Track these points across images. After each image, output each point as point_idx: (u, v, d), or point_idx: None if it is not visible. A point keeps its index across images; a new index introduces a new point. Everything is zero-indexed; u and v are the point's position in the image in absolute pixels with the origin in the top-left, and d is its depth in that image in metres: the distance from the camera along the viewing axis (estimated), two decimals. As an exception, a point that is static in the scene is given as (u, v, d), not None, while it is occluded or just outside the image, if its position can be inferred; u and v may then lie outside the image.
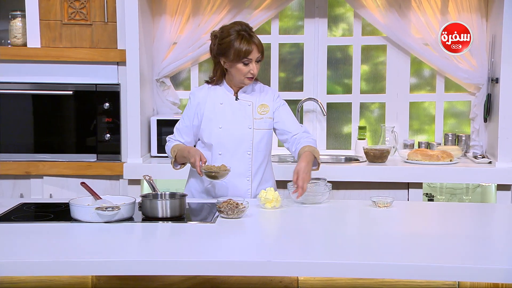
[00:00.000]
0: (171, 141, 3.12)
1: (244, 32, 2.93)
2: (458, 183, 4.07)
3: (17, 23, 4.04)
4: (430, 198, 4.12)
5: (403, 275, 2.08)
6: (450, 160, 3.97)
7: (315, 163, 2.97)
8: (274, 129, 3.12)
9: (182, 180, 3.95)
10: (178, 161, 3.04)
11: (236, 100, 3.05)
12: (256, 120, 3.04)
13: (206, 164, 2.91)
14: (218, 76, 3.06)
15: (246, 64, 2.94)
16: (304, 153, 2.94)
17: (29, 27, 3.98)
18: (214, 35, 3.01)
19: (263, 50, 2.99)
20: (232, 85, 3.06)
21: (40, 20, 3.98)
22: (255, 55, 2.93)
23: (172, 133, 3.15)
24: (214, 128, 3.02)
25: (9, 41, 4.10)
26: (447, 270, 2.06)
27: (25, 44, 4.03)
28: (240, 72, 2.96)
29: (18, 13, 4.04)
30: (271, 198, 2.79)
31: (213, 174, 2.85)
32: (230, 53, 2.92)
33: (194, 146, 3.12)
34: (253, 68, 2.95)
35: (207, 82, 3.12)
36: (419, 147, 4.36)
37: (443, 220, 2.78)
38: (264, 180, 3.10)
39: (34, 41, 3.99)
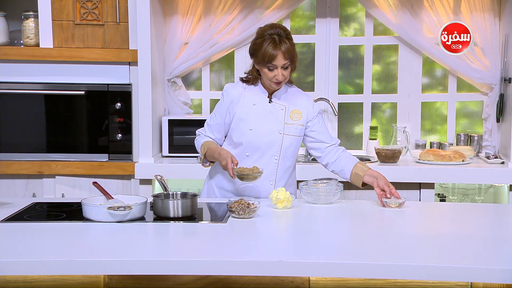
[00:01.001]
0: (201, 136, 3.09)
1: (276, 36, 2.89)
2: (471, 184, 4.05)
3: (29, 23, 4.06)
4: (442, 198, 4.10)
5: (416, 275, 2.07)
6: (463, 161, 3.95)
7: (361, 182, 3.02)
8: (306, 136, 3.08)
9: (193, 180, 3.96)
10: (208, 159, 3.03)
11: (269, 102, 3.03)
12: (287, 125, 3.01)
13: (238, 166, 2.89)
14: (254, 75, 3.03)
15: (271, 70, 2.91)
16: (375, 171, 3.01)
17: (42, 28, 4.00)
18: (256, 34, 2.99)
19: (293, 58, 2.92)
20: (266, 87, 3.03)
21: (52, 20, 4.00)
22: (280, 61, 2.88)
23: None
24: (244, 128, 2.99)
25: (22, 42, 4.12)
26: (459, 270, 2.05)
27: (37, 45, 4.05)
28: (266, 76, 2.94)
29: (31, 13, 4.06)
30: (282, 198, 2.79)
31: (245, 176, 2.83)
32: (258, 55, 2.91)
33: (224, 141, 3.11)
34: (278, 74, 2.90)
35: (242, 80, 3.07)
36: (431, 147, 4.34)
37: (455, 220, 2.76)
38: (287, 186, 3.06)
39: (46, 41, 4.01)
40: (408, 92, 4.40)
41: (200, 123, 4.09)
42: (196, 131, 3.16)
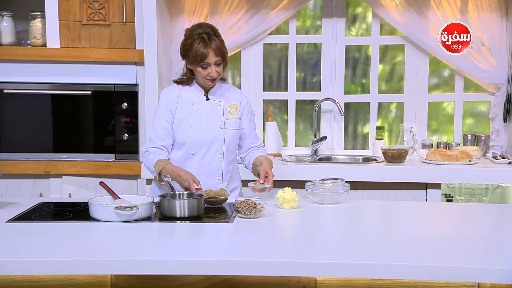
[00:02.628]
0: (150, 153, 3.04)
1: (205, 35, 2.95)
2: (477, 184, 4.04)
3: (36, 23, 4.07)
4: (449, 198, 4.09)
5: (422, 276, 2.06)
6: (469, 161, 3.94)
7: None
8: None
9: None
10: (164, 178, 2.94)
11: (206, 100, 3.09)
12: (227, 120, 3.09)
13: (204, 190, 2.88)
14: (188, 76, 3.09)
15: (204, 68, 2.97)
16: (265, 160, 3.08)
17: (49, 28, 4.01)
18: (184, 35, 3.04)
19: (224, 54, 2.99)
20: (201, 85, 3.09)
21: (59, 20, 4.01)
22: (212, 59, 2.95)
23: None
24: (186, 128, 3.05)
25: (29, 42, 4.14)
26: (466, 271, 2.04)
27: (44, 45, 4.06)
28: (200, 75, 3.01)
29: (38, 13, 4.07)
30: (288, 198, 2.79)
31: (212, 200, 2.82)
32: (190, 56, 2.97)
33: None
34: (212, 71, 2.97)
35: (176, 82, 3.13)
36: (437, 147, 4.33)
37: (462, 221, 2.75)
38: (232, 179, 3.15)
39: (53, 41, 4.02)
40: (415, 92, 4.39)
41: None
42: (142, 149, 3.12)
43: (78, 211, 2.75)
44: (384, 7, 4.23)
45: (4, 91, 4.03)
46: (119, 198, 2.73)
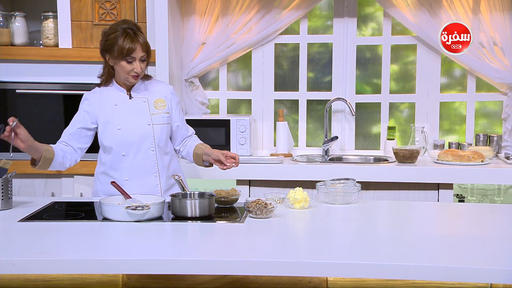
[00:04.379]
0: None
1: (129, 30, 2.93)
2: (490, 184, 4.02)
3: (49, 24, 4.09)
4: (461, 199, 4.07)
5: (435, 276, 2.05)
6: (482, 161, 3.92)
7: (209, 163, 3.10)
8: None
9: (210, 180, 3.96)
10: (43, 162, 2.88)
11: (130, 98, 3.05)
12: (154, 115, 3.05)
13: (214, 189, 2.90)
14: (106, 75, 3.04)
15: (129, 62, 2.94)
16: (207, 148, 3.10)
17: (61, 28, 4.03)
18: (104, 32, 3.01)
19: (149, 50, 2.98)
20: (121, 84, 3.05)
21: (71, 21, 4.03)
22: (139, 54, 2.93)
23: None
24: (113, 130, 3.00)
25: (41, 42, 4.16)
26: (479, 272, 2.03)
27: (56, 45, 4.08)
28: (123, 70, 2.96)
29: (50, 14, 4.09)
30: (299, 198, 2.78)
31: (223, 200, 2.82)
32: (114, 49, 2.92)
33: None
34: (137, 66, 2.94)
35: (97, 85, 3.08)
36: (449, 147, 4.31)
37: (475, 221, 2.74)
38: (173, 173, 3.09)
39: (65, 41, 4.04)
40: (427, 92, 4.38)
41: (218, 123, 4.13)
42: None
43: (90, 211, 2.76)
44: (396, 6, 4.22)
45: (17, 91, 4.05)
46: (131, 198, 2.73)
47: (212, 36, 4.32)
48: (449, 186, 3.85)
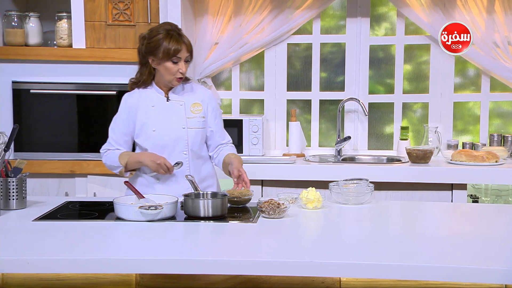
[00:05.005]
0: (111, 151, 3.06)
1: (173, 32, 2.95)
2: (504, 185, 3.99)
3: (63, 24, 4.11)
4: (475, 199, 4.04)
5: (448, 277, 2.04)
6: (496, 161, 3.89)
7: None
8: None
9: (223, 180, 3.96)
10: (129, 168, 3.00)
11: (167, 101, 3.05)
12: (189, 119, 3.05)
13: (227, 189, 2.91)
14: (146, 77, 3.05)
15: (175, 63, 2.95)
16: (235, 158, 3.03)
17: (75, 28, 4.05)
18: (142, 37, 3.02)
19: (192, 51, 3.00)
20: (162, 86, 3.05)
21: (85, 21, 4.05)
22: (184, 54, 2.95)
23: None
24: (148, 131, 3.01)
25: (55, 42, 4.18)
26: (494, 272, 2.02)
27: (70, 45, 4.10)
28: (169, 71, 2.96)
29: (64, 14, 4.11)
30: (312, 198, 2.78)
31: (235, 199, 2.82)
32: (159, 51, 2.93)
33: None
34: (182, 67, 2.95)
35: (136, 86, 3.08)
36: (463, 147, 4.29)
37: (489, 222, 2.72)
38: (205, 177, 3.10)
39: (79, 42, 4.06)
40: (440, 92, 4.35)
41: (230, 123, 4.13)
42: (101, 150, 3.11)
43: (103, 210, 2.77)
44: (409, 6, 4.20)
45: (31, 91, 4.07)
46: (144, 197, 2.74)
47: (225, 36, 4.32)
48: (463, 187, 3.83)
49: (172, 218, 2.62)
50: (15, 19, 4.11)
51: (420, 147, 4.08)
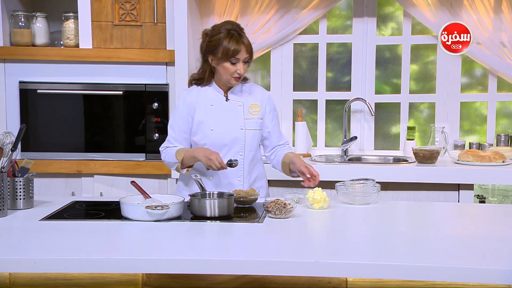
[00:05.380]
0: (170, 148, 3.07)
1: (234, 32, 2.93)
2: (511, 185, 3.98)
3: (69, 24, 4.12)
4: (482, 200, 4.03)
5: (455, 277, 2.04)
6: (503, 161, 3.88)
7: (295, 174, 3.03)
8: None
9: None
10: (185, 164, 3.00)
11: (226, 100, 3.05)
12: (247, 120, 3.05)
13: (234, 190, 2.91)
14: (207, 75, 3.05)
15: (233, 64, 2.94)
16: (295, 156, 3.03)
17: (81, 29, 4.06)
18: (205, 33, 3.02)
19: (252, 52, 2.98)
20: (221, 85, 3.05)
21: (92, 21, 4.06)
22: (243, 55, 2.93)
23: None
24: (206, 130, 3.02)
25: (61, 42, 4.19)
26: (500, 273, 2.01)
27: (77, 45, 4.12)
28: (227, 71, 2.96)
29: (71, 14, 4.13)
30: (318, 198, 2.78)
31: (242, 199, 2.82)
32: (219, 50, 2.93)
33: None
34: (240, 68, 2.94)
35: (196, 83, 3.09)
36: (470, 148, 4.28)
37: (495, 222, 2.71)
38: (256, 180, 3.11)
39: (86, 42, 4.07)
40: (447, 92, 4.34)
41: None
42: (160, 148, 3.12)
43: (110, 210, 2.78)
44: (416, 6, 4.19)
45: (38, 91, 4.09)
46: (150, 197, 2.75)
47: (231, 36, 4.31)
48: (469, 187, 3.82)
49: (179, 218, 2.62)
50: (22, 19, 4.12)
51: (427, 147, 4.07)
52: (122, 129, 4.14)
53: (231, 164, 2.91)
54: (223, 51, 2.92)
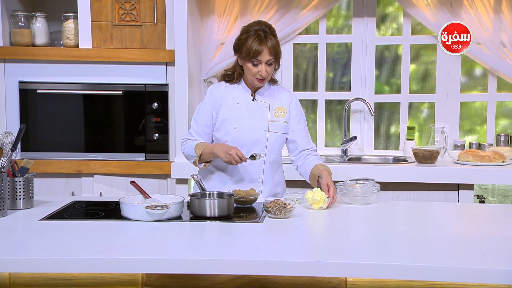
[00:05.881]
0: (190, 141, 3.04)
1: (261, 32, 2.91)
2: (511, 185, 3.98)
3: (69, 24, 4.13)
4: (482, 200, 4.03)
5: (454, 277, 2.04)
6: (503, 161, 3.88)
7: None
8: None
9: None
10: (203, 159, 2.98)
11: (253, 100, 3.03)
12: (272, 122, 3.02)
13: (236, 190, 2.89)
14: (237, 73, 3.03)
15: (255, 65, 2.92)
16: (324, 170, 2.95)
17: (81, 29, 4.06)
18: (241, 31, 3.00)
19: (278, 55, 2.94)
20: (249, 85, 3.03)
21: (91, 21, 4.06)
22: (265, 57, 2.90)
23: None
24: (229, 127, 3.00)
25: (61, 42, 4.19)
26: (500, 273, 2.01)
27: (77, 45, 4.12)
28: (250, 72, 2.95)
29: (71, 14, 4.13)
30: (318, 199, 2.78)
31: (242, 199, 2.82)
32: (243, 50, 2.92)
33: None
34: (262, 70, 2.91)
35: (225, 79, 3.07)
36: (469, 147, 4.28)
37: (495, 222, 2.71)
38: (275, 184, 3.08)
39: (85, 42, 4.07)
40: (447, 92, 4.34)
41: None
42: (181, 139, 3.11)
43: (109, 210, 2.78)
44: (416, 6, 4.19)
45: (38, 91, 4.09)
46: (150, 197, 2.75)
47: (231, 36, 4.31)
48: (469, 187, 3.82)
49: (179, 218, 2.62)
50: (22, 19, 4.12)
51: (427, 147, 4.07)
52: (122, 129, 4.14)
53: (254, 157, 2.88)
54: (246, 50, 2.90)
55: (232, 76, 3.06)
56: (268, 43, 2.89)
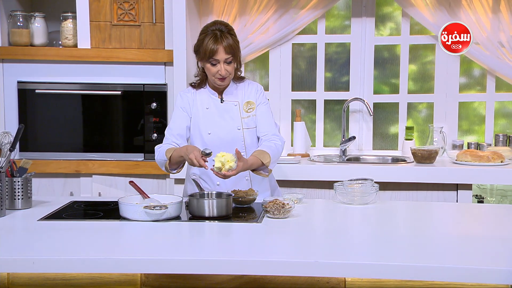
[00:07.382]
0: (164, 146, 2.96)
1: (217, 32, 2.88)
2: (509, 185, 3.98)
3: (68, 24, 4.12)
4: (480, 200, 4.03)
5: (453, 277, 2.04)
6: (501, 161, 3.88)
7: (266, 169, 2.90)
8: None
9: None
10: (173, 162, 2.89)
11: (221, 102, 3.01)
12: (244, 119, 3.01)
13: (233, 189, 2.88)
14: (201, 77, 3.02)
15: (213, 65, 2.90)
16: (252, 157, 2.86)
17: (80, 29, 4.06)
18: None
19: (235, 53, 2.91)
20: (213, 87, 3.01)
21: (90, 21, 4.06)
22: (221, 56, 2.87)
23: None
24: (203, 134, 2.98)
25: (60, 42, 4.19)
26: (499, 273, 2.01)
27: (75, 45, 4.11)
28: (209, 72, 2.93)
29: (69, 14, 4.12)
30: (224, 160, 2.68)
31: (240, 200, 2.81)
32: (201, 51, 2.91)
33: None
34: (221, 69, 2.89)
35: (192, 85, 3.05)
36: (468, 147, 4.28)
37: (494, 222, 2.72)
38: (264, 179, 3.05)
39: (84, 42, 4.07)
40: (445, 92, 4.35)
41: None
42: (155, 148, 3.02)
43: (108, 210, 2.78)
44: (415, 6, 4.19)
45: (36, 91, 4.09)
46: (149, 197, 2.74)
47: (230, 36, 4.31)
48: (468, 187, 3.82)
49: (177, 218, 2.62)
50: (21, 19, 4.12)
51: (425, 147, 4.07)
52: (120, 129, 4.14)
53: (205, 154, 2.73)
54: (203, 51, 2.89)
55: (197, 82, 3.04)
56: (223, 42, 2.87)
